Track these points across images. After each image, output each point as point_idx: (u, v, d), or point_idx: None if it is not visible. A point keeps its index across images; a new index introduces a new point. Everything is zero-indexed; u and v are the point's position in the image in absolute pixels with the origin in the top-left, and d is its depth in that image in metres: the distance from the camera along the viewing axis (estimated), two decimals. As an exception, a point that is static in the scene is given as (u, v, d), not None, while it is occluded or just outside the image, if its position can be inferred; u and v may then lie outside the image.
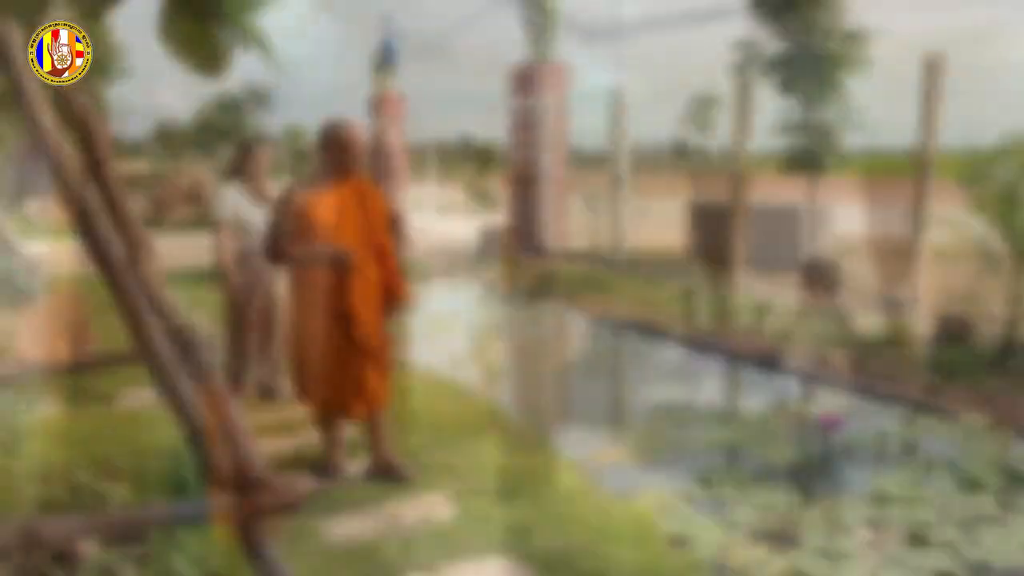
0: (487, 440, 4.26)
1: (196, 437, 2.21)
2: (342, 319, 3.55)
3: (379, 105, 19.05)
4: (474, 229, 13.02)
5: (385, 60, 18.64)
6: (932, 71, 7.28)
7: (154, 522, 2.19)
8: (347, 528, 3.24)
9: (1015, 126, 7.36)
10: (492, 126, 14.81)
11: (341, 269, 3.50)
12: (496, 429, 4.51)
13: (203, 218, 19.72)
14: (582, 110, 13.35)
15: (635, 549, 3.03)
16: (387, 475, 3.70)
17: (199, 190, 20.82)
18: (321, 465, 3.75)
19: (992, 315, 6.99)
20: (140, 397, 5.16)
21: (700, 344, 6.93)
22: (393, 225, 3.87)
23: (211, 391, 2.97)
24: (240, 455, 2.18)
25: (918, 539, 3.33)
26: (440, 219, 16.89)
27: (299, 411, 4.73)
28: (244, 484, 2.08)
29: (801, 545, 3.28)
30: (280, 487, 2.07)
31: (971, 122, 7.60)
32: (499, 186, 15.33)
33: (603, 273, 10.55)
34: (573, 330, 8.16)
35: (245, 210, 4.71)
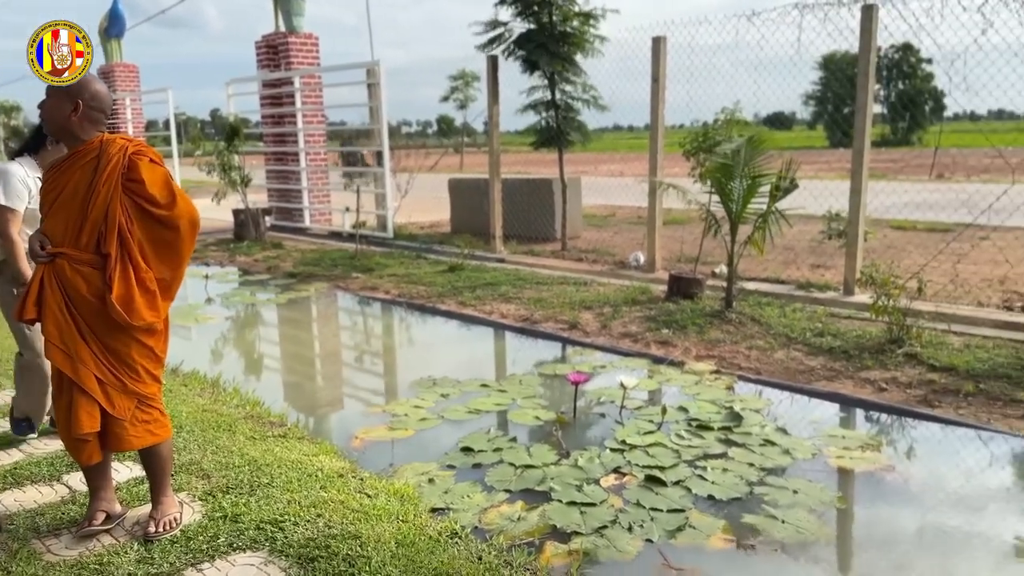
0: (240, 434, 4.03)
1: None
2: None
3: (109, 76, 17.28)
4: (226, 209, 12.24)
5: (112, 28, 16.89)
6: (657, 52, 7.91)
7: None
8: (77, 544, 2.91)
9: (731, 103, 8.24)
10: (243, 99, 13.98)
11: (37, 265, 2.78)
12: (251, 421, 4.28)
13: None
14: (339, 83, 12.98)
15: (394, 525, 3.01)
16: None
17: None
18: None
19: (715, 272, 7.81)
20: None
21: (465, 315, 7.06)
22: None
23: None
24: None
25: (655, 481, 3.64)
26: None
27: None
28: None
29: (552, 499, 3.46)
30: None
31: (696, 98, 8.36)
32: (253, 163, 14.55)
33: (368, 251, 10.42)
34: (339, 311, 7.97)
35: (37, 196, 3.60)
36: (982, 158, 20.00)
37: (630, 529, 3.20)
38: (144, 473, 3.15)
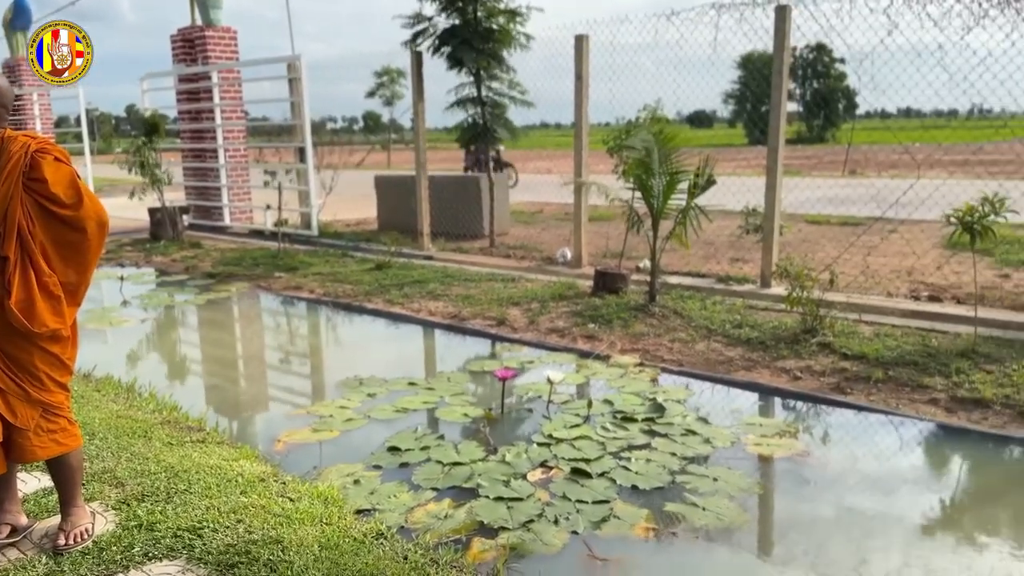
0: (156, 440, 3.89)
1: None
2: None
3: (14, 71, 16.48)
4: (142, 208, 11.82)
5: (17, 20, 16.09)
6: (580, 50, 7.98)
7: None
8: (-22, 563, 2.77)
9: (654, 101, 8.38)
10: (159, 95, 13.52)
11: None
12: (168, 427, 4.14)
13: None
14: (259, 78, 12.67)
15: (318, 528, 2.96)
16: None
17: None
18: None
19: (639, 267, 7.94)
20: None
21: (392, 313, 7.00)
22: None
23: None
24: None
25: (581, 473, 3.68)
26: (102, 198, 15.10)
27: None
28: None
29: (480, 495, 3.46)
30: None
31: (620, 96, 8.47)
32: (171, 159, 14.09)
33: (292, 250, 10.21)
34: (261, 311, 7.78)
35: None
36: (891, 154, 20.91)
37: (556, 522, 3.23)
38: (53, 483, 3.02)
